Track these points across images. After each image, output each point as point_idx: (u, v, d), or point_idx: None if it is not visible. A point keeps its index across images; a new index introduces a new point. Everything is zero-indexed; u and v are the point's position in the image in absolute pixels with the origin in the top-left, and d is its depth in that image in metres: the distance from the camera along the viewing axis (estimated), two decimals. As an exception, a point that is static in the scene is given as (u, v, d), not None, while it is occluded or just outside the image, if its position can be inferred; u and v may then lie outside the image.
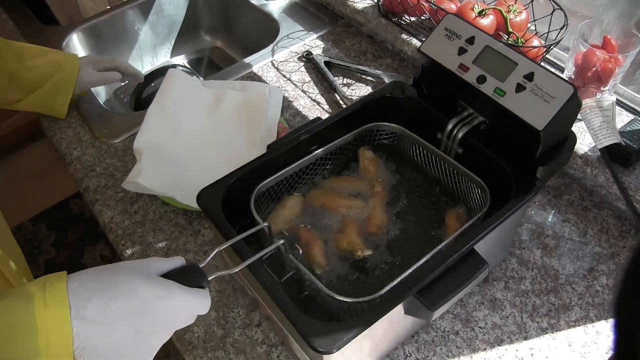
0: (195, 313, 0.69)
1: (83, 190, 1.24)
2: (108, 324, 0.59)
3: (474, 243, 0.81)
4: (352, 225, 0.95)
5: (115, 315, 0.59)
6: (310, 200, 1.00)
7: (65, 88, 1.31)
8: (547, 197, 1.16)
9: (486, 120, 0.93)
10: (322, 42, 1.57)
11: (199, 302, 0.67)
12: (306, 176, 1.02)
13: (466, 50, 0.92)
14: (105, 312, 0.59)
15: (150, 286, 0.62)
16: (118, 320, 0.59)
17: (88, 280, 0.60)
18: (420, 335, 0.97)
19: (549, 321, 0.99)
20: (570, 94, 0.81)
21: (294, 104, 1.38)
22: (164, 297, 0.63)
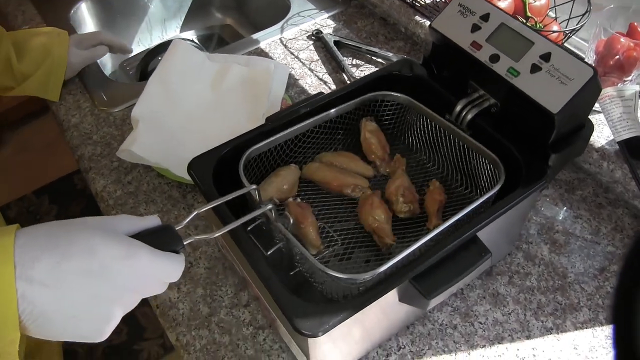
0: (165, 280, 0.62)
1: (78, 157, 1.20)
2: (59, 287, 0.52)
3: (477, 230, 0.76)
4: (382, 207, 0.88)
5: (68, 277, 0.52)
6: (308, 173, 0.95)
7: (56, 73, 1.29)
8: (559, 192, 1.11)
9: (497, 103, 0.88)
10: (333, 22, 1.52)
11: (170, 267, 0.60)
12: (303, 148, 0.96)
13: (480, 28, 0.86)
14: (55, 273, 0.52)
15: (112, 245, 0.55)
16: (71, 282, 0.53)
17: (40, 236, 0.54)
18: (415, 327, 0.92)
19: (554, 321, 0.93)
20: (590, 76, 0.76)
21: (300, 82, 1.34)
22: (126, 257, 0.55)
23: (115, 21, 1.70)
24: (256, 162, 0.90)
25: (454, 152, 0.93)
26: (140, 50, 1.74)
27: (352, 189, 0.92)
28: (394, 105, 0.98)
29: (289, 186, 0.91)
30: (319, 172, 0.94)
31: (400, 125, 1.01)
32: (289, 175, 0.92)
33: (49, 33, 1.28)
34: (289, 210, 0.86)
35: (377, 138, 0.97)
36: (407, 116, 0.99)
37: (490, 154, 0.84)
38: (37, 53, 1.25)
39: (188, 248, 1.02)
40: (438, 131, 0.94)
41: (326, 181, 0.93)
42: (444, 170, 0.97)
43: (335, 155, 0.97)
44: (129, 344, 2.20)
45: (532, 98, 0.79)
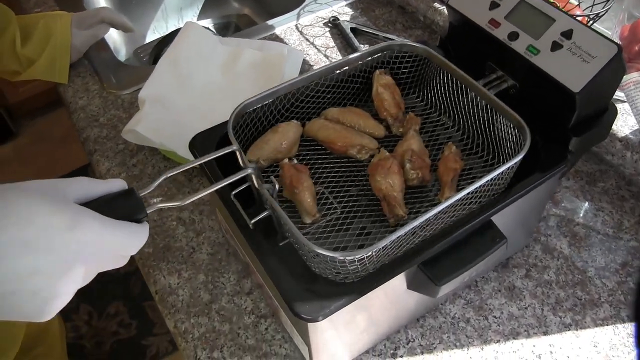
0: (122, 253, 0.56)
1: (83, 140, 1.18)
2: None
3: (492, 213, 0.72)
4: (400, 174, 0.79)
5: (2, 250, 0.46)
6: (311, 131, 0.86)
7: (60, 56, 1.27)
8: (580, 184, 1.06)
9: (516, 84, 0.83)
10: (350, 9, 1.48)
11: (125, 238, 0.54)
12: (308, 104, 0.88)
13: (499, 5, 0.82)
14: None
15: (53, 213, 0.48)
16: (6, 256, 0.46)
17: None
18: (426, 320, 0.88)
19: (573, 317, 0.89)
20: (614, 53, 0.71)
21: (314, 68, 1.30)
22: (70, 227, 0.48)
23: (130, 7, 1.68)
24: (253, 121, 0.83)
25: (476, 113, 0.84)
26: (156, 37, 1.72)
27: (357, 150, 0.84)
28: (411, 57, 0.90)
29: (288, 145, 0.82)
30: (323, 130, 0.85)
31: (417, 80, 0.94)
32: (289, 132, 0.83)
33: (52, 16, 1.26)
34: (283, 173, 0.78)
35: (390, 93, 0.88)
36: (426, 70, 0.91)
37: (515, 115, 0.75)
38: (39, 37, 1.23)
39: (191, 233, 0.99)
40: (459, 88, 0.85)
41: (330, 140, 0.84)
42: (464, 133, 0.89)
43: (343, 112, 0.88)
44: (138, 338, 2.18)
45: (552, 77, 0.75)
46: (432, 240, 0.69)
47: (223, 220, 0.89)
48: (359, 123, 0.87)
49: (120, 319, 2.24)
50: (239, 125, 0.80)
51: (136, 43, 1.67)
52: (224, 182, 0.64)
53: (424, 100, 0.94)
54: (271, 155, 0.81)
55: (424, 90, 0.94)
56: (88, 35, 1.30)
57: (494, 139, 0.83)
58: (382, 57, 0.91)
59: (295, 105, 0.87)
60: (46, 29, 1.23)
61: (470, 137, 0.88)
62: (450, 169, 0.80)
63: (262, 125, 0.85)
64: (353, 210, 0.80)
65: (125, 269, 2.27)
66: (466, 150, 0.87)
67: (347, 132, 0.84)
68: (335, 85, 0.89)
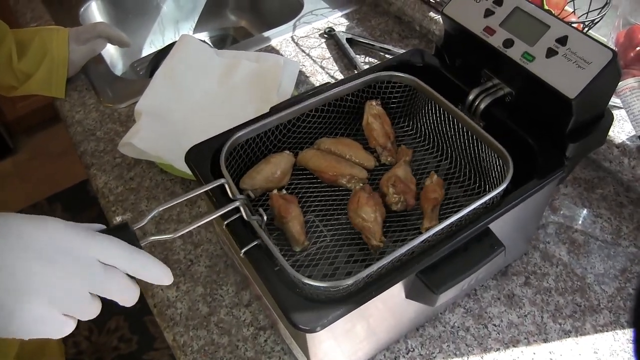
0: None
1: (80, 154, 1.17)
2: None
3: (490, 221, 0.72)
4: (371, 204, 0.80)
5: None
6: (303, 160, 0.88)
7: (57, 71, 1.27)
8: (578, 190, 1.06)
9: (512, 92, 0.83)
10: (346, 20, 1.49)
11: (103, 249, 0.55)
12: (301, 134, 0.90)
13: (493, 12, 0.82)
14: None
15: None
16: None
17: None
18: (426, 329, 0.88)
19: (573, 323, 0.88)
20: (609, 59, 0.71)
21: (310, 79, 1.30)
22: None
23: (126, 21, 1.68)
24: (246, 151, 0.84)
25: (463, 142, 0.86)
26: (152, 51, 1.72)
27: (347, 179, 0.86)
28: (400, 87, 0.92)
29: (280, 175, 0.84)
30: (314, 159, 0.87)
31: (407, 110, 0.95)
32: (281, 163, 0.85)
33: (49, 30, 1.26)
34: (272, 203, 0.80)
35: (380, 123, 0.90)
36: (415, 101, 0.93)
37: (499, 146, 0.77)
38: (35, 52, 1.23)
39: (189, 246, 0.99)
40: (446, 118, 0.87)
41: (321, 170, 0.86)
42: (452, 162, 0.90)
43: (335, 142, 0.90)
44: (139, 353, 2.16)
45: (548, 83, 0.75)
46: (430, 248, 0.69)
47: (221, 232, 0.89)
48: (350, 153, 0.89)
49: (120, 334, 2.23)
50: (231, 156, 0.82)
51: (133, 56, 1.67)
52: (214, 214, 0.67)
53: (413, 129, 0.96)
54: (263, 185, 0.83)
55: (414, 120, 0.95)
56: (85, 50, 1.30)
57: (480, 168, 0.84)
58: (372, 86, 0.92)
59: (286, 136, 0.89)
60: (42, 43, 1.23)
61: (457, 165, 0.90)
62: (430, 199, 0.82)
63: (255, 154, 0.86)
64: (342, 238, 0.82)
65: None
66: (454, 179, 0.88)
67: (338, 163, 0.86)
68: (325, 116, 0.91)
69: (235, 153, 0.82)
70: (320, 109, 0.89)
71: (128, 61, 1.67)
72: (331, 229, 0.83)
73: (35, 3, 1.57)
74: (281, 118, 0.85)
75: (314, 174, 0.88)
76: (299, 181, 0.88)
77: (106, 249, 0.55)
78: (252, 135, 0.83)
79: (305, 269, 0.78)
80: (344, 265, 0.79)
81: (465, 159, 0.88)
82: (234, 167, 0.82)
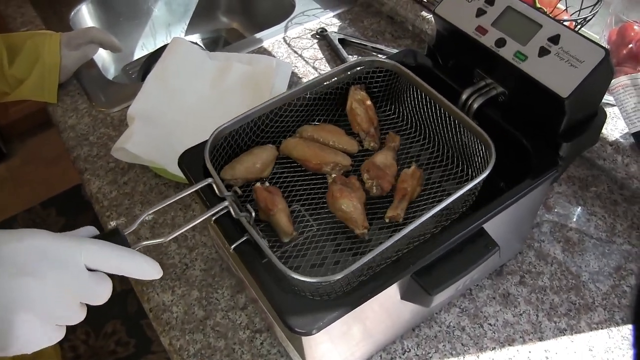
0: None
1: (73, 159, 1.17)
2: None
3: (484, 221, 0.72)
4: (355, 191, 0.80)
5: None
6: (286, 149, 0.87)
7: (49, 76, 1.26)
8: (572, 188, 1.06)
9: (505, 91, 0.83)
10: (338, 21, 1.49)
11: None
12: (284, 124, 0.89)
13: (485, 12, 0.82)
14: None
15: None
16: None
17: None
18: (421, 330, 0.88)
19: (568, 322, 0.88)
20: (601, 57, 0.71)
21: (303, 80, 1.30)
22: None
23: (117, 24, 1.67)
24: (229, 143, 0.84)
25: (446, 127, 0.85)
26: (144, 54, 1.71)
27: (332, 167, 0.84)
28: (382, 72, 0.91)
29: (261, 166, 0.84)
30: (298, 148, 0.86)
31: (390, 96, 0.95)
32: (263, 154, 0.84)
33: (40, 35, 1.25)
34: (257, 196, 0.79)
35: (364, 109, 0.89)
36: (398, 86, 0.92)
37: (480, 131, 0.76)
38: (27, 57, 1.23)
39: (184, 250, 0.98)
40: (429, 103, 0.86)
41: (304, 158, 0.85)
42: (436, 147, 0.90)
43: (318, 129, 0.89)
44: (136, 357, 2.16)
45: (540, 82, 0.75)
46: (424, 249, 0.69)
47: (215, 236, 0.89)
48: (333, 140, 0.88)
49: (117, 337, 2.22)
50: (215, 150, 0.81)
51: (124, 60, 1.66)
52: (203, 216, 0.68)
53: (397, 114, 0.95)
54: (244, 175, 0.82)
55: (397, 105, 0.95)
56: (78, 55, 1.30)
57: (463, 153, 0.84)
58: (355, 74, 0.91)
59: (270, 126, 0.88)
60: (34, 48, 1.22)
61: (440, 150, 0.89)
62: (399, 188, 0.81)
63: (240, 147, 0.86)
64: (329, 227, 0.81)
65: (121, 287, 2.26)
66: (437, 164, 0.88)
67: (321, 150, 0.85)
68: (309, 104, 0.90)
69: (220, 147, 0.81)
70: (303, 97, 0.88)
71: (120, 65, 1.67)
72: (317, 218, 0.82)
73: (26, 7, 1.57)
74: (264, 108, 0.84)
75: (298, 162, 0.87)
76: (282, 170, 0.87)
77: (94, 253, 0.55)
78: (236, 127, 0.82)
79: (294, 259, 0.77)
80: (332, 254, 0.78)
81: (448, 144, 0.87)
82: (221, 162, 0.82)
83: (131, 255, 0.57)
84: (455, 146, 0.86)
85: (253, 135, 0.87)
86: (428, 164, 0.88)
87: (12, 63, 1.21)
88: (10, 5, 1.58)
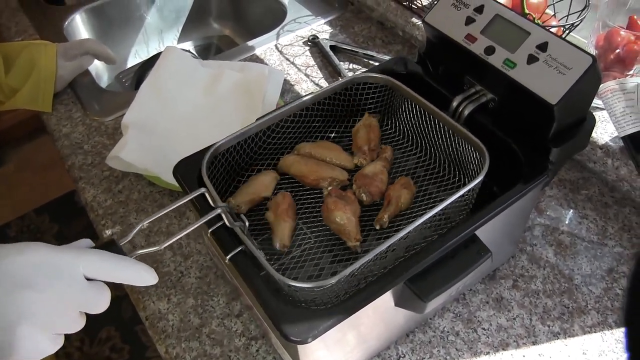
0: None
1: (68, 167, 1.17)
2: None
3: (476, 228, 0.72)
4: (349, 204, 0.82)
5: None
6: (284, 167, 0.89)
7: (45, 86, 1.27)
8: (563, 192, 1.07)
9: (495, 98, 0.84)
10: (329, 27, 1.50)
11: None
12: (281, 140, 0.91)
13: (474, 20, 0.83)
14: None
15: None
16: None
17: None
18: (416, 335, 0.88)
19: (561, 325, 0.89)
20: (589, 64, 0.72)
21: (295, 87, 1.31)
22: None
23: (110, 32, 1.68)
24: (227, 159, 0.85)
25: (440, 138, 0.87)
26: (137, 62, 1.72)
27: (329, 182, 0.86)
28: (376, 88, 0.93)
29: (263, 188, 0.86)
30: (295, 165, 0.88)
31: (385, 110, 0.96)
32: (265, 180, 0.87)
33: (36, 45, 1.26)
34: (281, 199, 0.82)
35: (367, 132, 0.91)
36: (392, 100, 0.94)
37: (474, 139, 0.78)
38: (23, 66, 1.23)
39: (179, 257, 0.99)
40: (423, 115, 0.88)
41: (302, 175, 0.87)
42: (432, 158, 0.91)
43: (314, 146, 0.91)
44: (131, 363, 2.17)
45: (529, 89, 0.76)
46: (417, 256, 0.69)
47: (210, 243, 0.89)
48: (329, 156, 0.90)
49: (112, 343, 2.22)
50: (213, 165, 0.82)
51: (118, 68, 1.67)
52: (196, 223, 0.68)
53: (392, 128, 0.96)
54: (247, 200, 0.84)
55: (392, 119, 0.96)
56: (74, 66, 1.30)
57: (458, 162, 0.86)
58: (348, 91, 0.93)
59: (266, 142, 0.89)
60: (30, 58, 1.23)
61: (437, 161, 0.90)
62: (387, 195, 0.84)
63: (237, 163, 0.87)
64: (325, 240, 0.82)
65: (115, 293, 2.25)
66: (434, 174, 0.89)
67: (318, 166, 0.87)
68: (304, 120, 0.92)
69: (217, 162, 0.82)
70: (299, 114, 0.90)
71: (113, 73, 1.67)
72: (315, 231, 0.83)
73: (20, 17, 1.57)
74: (261, 125, 0.85)
75: (295, 178, 0.89)
76: (281, 186, 0.88)
77: (93, 263, 0.57)
78: (233, 144, 0.84)
79: (291, 271, 0.78)
80: (328, 265, 0.79)
81: (443, 155, 0.88)
82: (217, 177, 0.82)
83: (129, 264, 0.59)
84: (450, 156, 0.87)
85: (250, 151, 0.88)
86: (425, 175, 0.89)
87: (8, 72, 1.21)
88: (4, 14, 1.58)
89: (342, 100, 0.93)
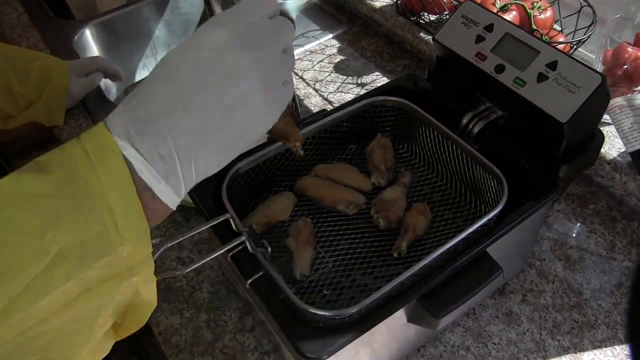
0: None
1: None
2: None
3: (487, 245, 0.74)
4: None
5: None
6: (301, 188, 0.90)
7: (57, 100, 1.26)
8: (572, 206, 1.08)
9: (504, 115, 0.85)
10: (337, 42, 1.51)
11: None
12: (298, 161, 0.92)
13: (484, 39, 0.84)
14: None
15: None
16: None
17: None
18: (427, 349, 0.89)
19: (571, 340, 0.90)
20: (598, 83, 0.73)
21: (305, 102, 1.32)
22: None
23: (119, 46, 1.69)
24: (246, 181, 0.86)
25: (458, 164, 0.88)
26: (145, 75, 1.73)
27: (346, 205, 0.88)
28: (394, 111, 0.95)
29: (280, 210, 0.87)
30: (312, 187, 0.90)
31: (402, 133, 0.98)
32: (283, 202, 0.88)
33: (48, 59, 1.26)
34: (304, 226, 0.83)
35: (382, 152, 0.93)
36: (409, 124, 0.95)
37: (493, 167, 0.80)
38: (37, 78, 1.22)
39: (191, 272, 1.00)
40: (440, 141, 0.90)
41: (319, 197, 0.89)
42: (448, 183, 0.93)
43: (331, 168, 0.93)
44: (137, 373, 2.16)
45: (539, 108, 0.77)
46: (430, 274, 0.70)
47: (222, 259, 0.90)
48: (346, 178, 0.91)
49: (119, 355, 2.22)
50: (232, 188, 0.83)
51: (126, 81, 1.67)
52: (221, 249, 0.68)
53: (409, 152, 0.98)
54: (262, 221, 0.84)
55: (409, 142, 0.98)
56: (85, 83, 1.31)
57: (476, 189, 0.87)
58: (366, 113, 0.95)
59: (284, 164, 0.91)
60: (43, 70, 1.23)
61: (453, 187, 0.92)
62: (404, 222, 0.85)
63: (255, 185, 0.88)
64: (344, 264, 0.83)
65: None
66: (450, 200, 0.91)
67: (335, 189, 0.89)
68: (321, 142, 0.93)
69: (236, 184, 0.84)
70: (317, 136, 0.91)
71: (122, 86, 1.68)
72: (332, 255, 0.84)
73: (30, 32, 1.58)
74: (279, 147, 0.86)
75: (312, 200, 0.90)
76: (298, 208, 0.90)
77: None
78: (252, 166, 0.85)
79: (310, 295, 0.79)
80: (347, 290, 0.80)
81: (460, 181, 0.90)
82: (236, 199, 0.83)
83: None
84: (467, 182, 0.88)
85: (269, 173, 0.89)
86: (441, 201, 0.91)
87: (22, 83, 1.21)
88: (16, 29, 1.60)
89: (358, 122, 0.95)
